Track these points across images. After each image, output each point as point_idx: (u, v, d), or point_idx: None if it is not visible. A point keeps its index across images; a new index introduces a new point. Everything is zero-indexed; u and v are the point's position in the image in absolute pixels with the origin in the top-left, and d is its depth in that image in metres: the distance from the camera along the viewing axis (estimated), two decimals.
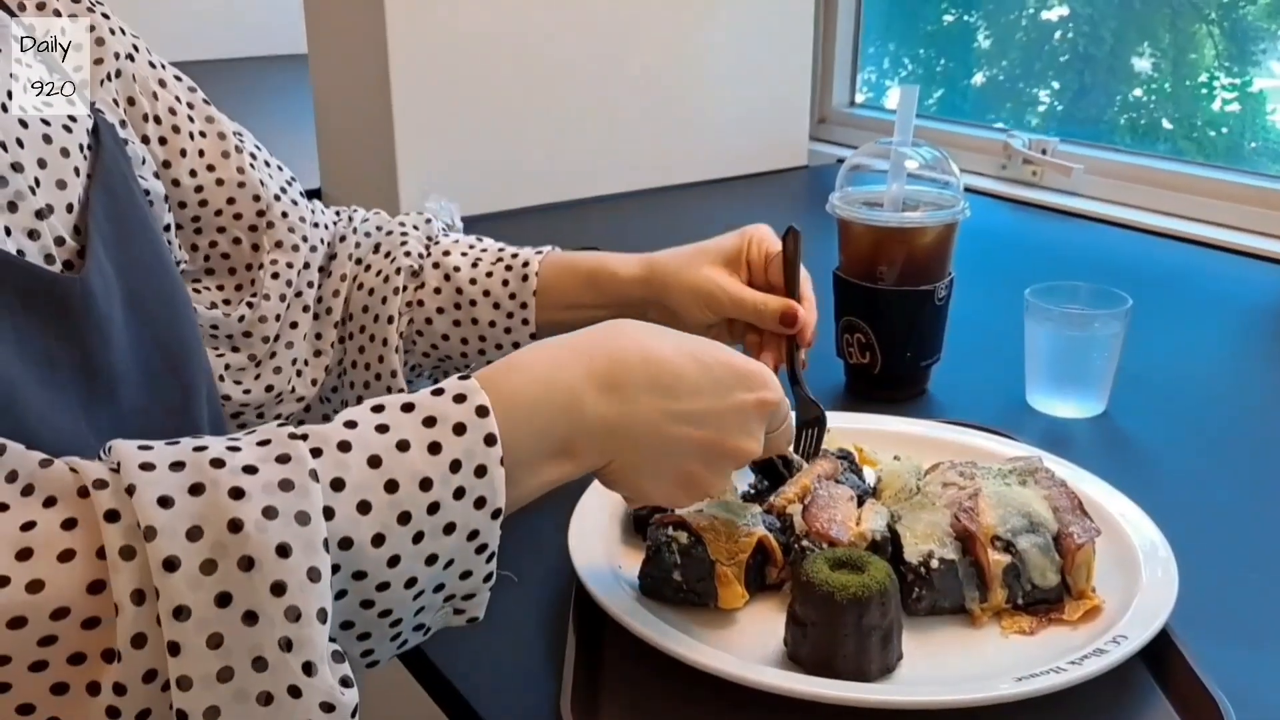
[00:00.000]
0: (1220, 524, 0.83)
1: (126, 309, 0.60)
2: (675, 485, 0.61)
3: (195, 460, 0.46)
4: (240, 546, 0.43)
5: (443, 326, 0.88)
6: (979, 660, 0.65)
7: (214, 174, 0.80)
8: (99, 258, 0.58)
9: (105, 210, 0.61)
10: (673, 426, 0.58)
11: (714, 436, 0.60)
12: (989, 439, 0.87)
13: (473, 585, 0.52)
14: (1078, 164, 1.69)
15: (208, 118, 0.81)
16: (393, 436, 0.49)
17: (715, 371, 0.60)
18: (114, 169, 0.64)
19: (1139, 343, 1.01)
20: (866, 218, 0.99)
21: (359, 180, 1.69)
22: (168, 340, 0.64)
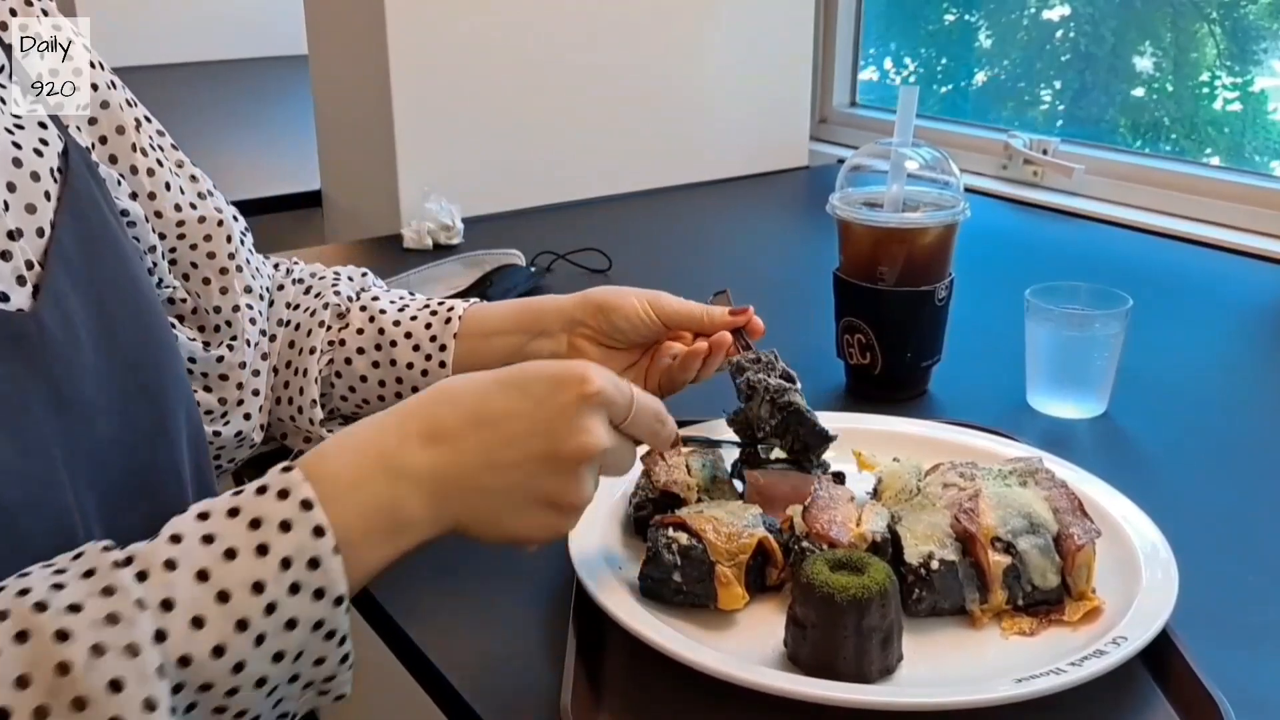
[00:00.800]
0: (1221, 524, 0.83)
1: (97, 336, 0.60)
2: (539, 510, 0.59)
3: (17, 606, 0.46)
4: (71, 688, 0.44)
5: (362, 367, 0.87)
6: (979, 661, 0.65)
7: (196, 211, 0.81)
8: (60, 287, 0.58)
9: (74, 235, 0.61)
10: (504, 453, 0.58)
11: (547, 446, 0.59)
12: (989, 439, 0.86)
13: (329, 669, 0.53)
14: (1078, 164, 1.69)
15: (178, 162, 0.81)
16: (219, 545, 0.50)
17: (530, 388, 0.60)
18: (84, 192, 0.63)
19: (1139, 343, 1.01)
20: (867, 218, 0.99)
21: (359, 181, 1.69)
22: (141, 364, 0.63)
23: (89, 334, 0.59)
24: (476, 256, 1.37)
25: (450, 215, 1.51)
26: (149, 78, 1.82)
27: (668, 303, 0.87)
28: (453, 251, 1.46)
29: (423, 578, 0.77)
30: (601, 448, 0.59)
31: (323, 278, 0.91)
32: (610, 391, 0.61)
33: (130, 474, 0.61)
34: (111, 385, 0.60)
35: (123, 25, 2.63)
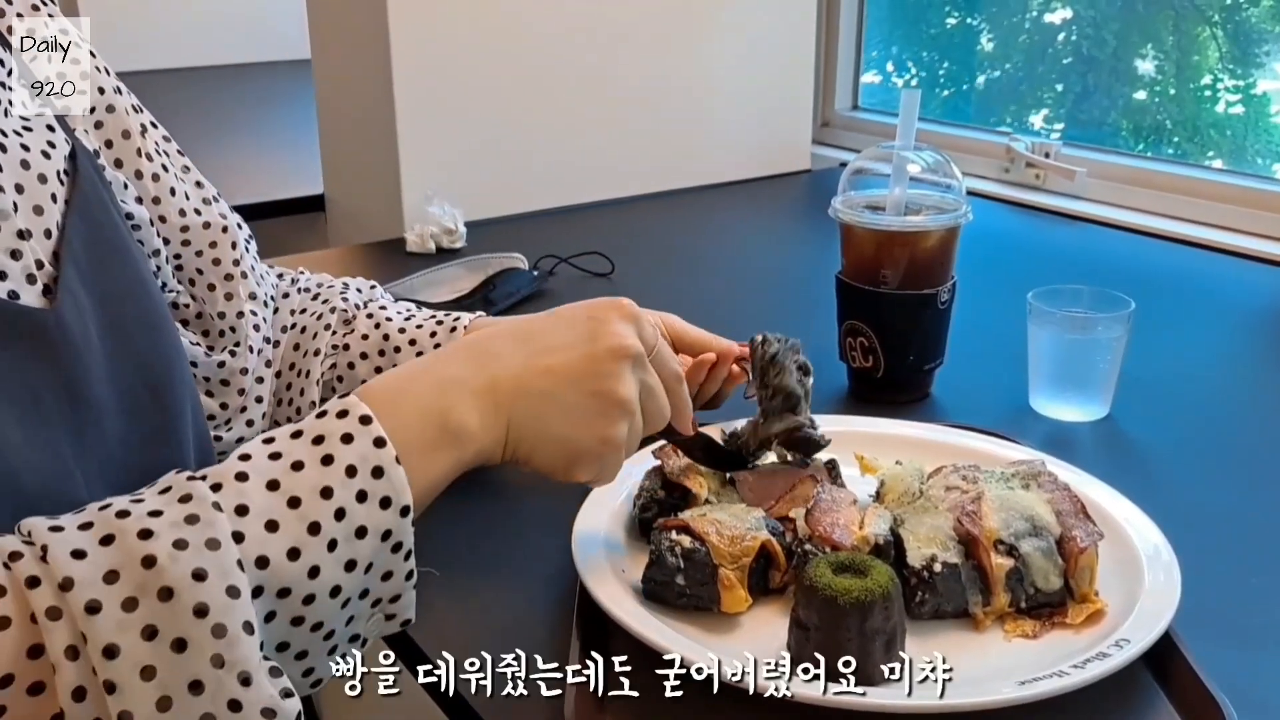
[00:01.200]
0: (1223, 526, 0.83)
1: (106, 336, 0.60)
2: (586, 411, 0.62)
3: (101, 517, 0.48)
4: (157, 579, 0.45)
5: (364, 372, 0.87)
6: (982, 664, 0.65)
7: (200, 217, 0.81)
8: (73, 287, 0.59)
9: (82, 237, 0.61)
10: (545, 358, 0.61)
11: (586, 347, 0.62)
12: (992, 442, 0.87)
13: (396, 586, 0.54)
14: (1080, 167, 1.69)
15: (184, 167, 0.81)
16: (287, 460, 0.52)
17: (564, 311, 0.65)
18: (91, 195, 0.64)
19: (1142, 346, 1.01)
20: (869, 222, 0.99)
21: (362, 185, 1.69)
22: (149, 365, 0.64)
23: (99, 334, 0.60)
24: (479, 260, 1.37)
25: (453, 219, 1.52)
26: (152, 82, 1.83)
27: (680, 326, 0.89)
28: (455, 255, 1.47)
29: (433, 589, 0.77)
30: (637, 348, 0.63)
31: (331, 286, 0.91)
32: (641, 312, 0.65)
33: (138, 474, 0.61)
34: (120, 385, 0.61)
35: (126, 30, 2.64)
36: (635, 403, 0.64)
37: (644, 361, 0.64)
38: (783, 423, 0.80)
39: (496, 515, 0.87)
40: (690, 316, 1.30)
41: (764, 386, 0.81)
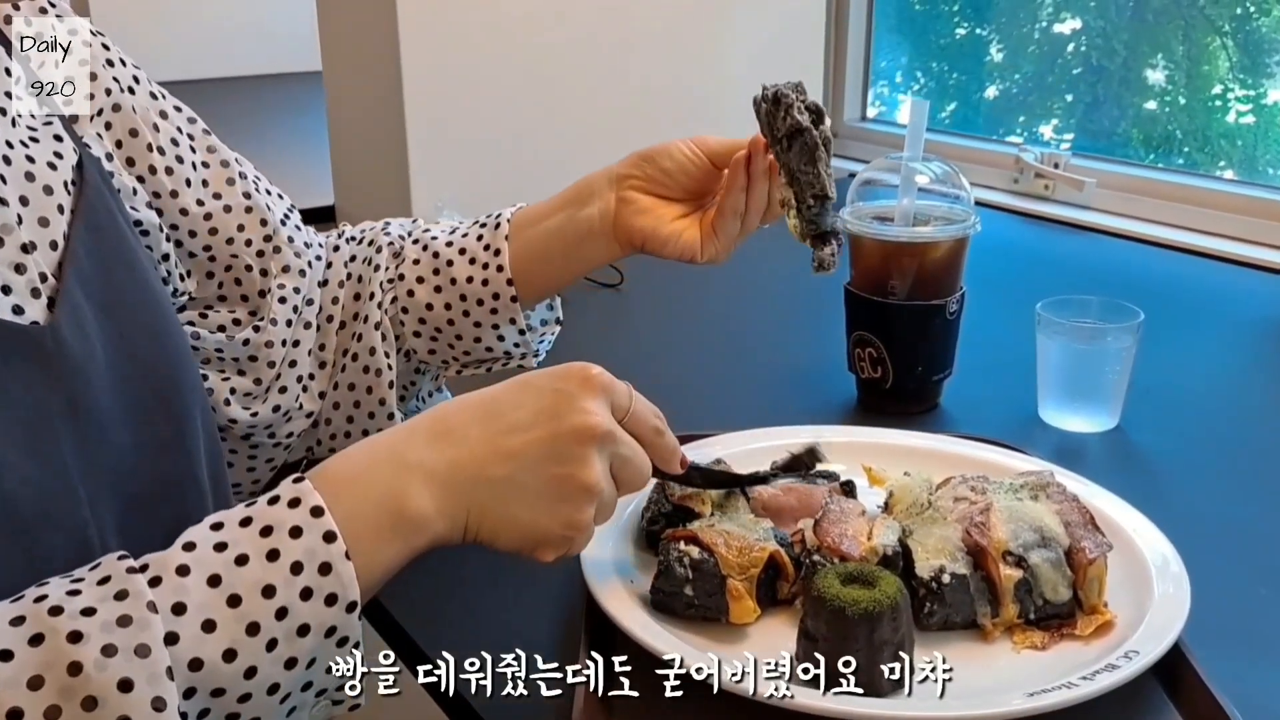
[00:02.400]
0: (1233, 538, 0.83)
1: (111, 347, 0.60)
2: (549, 497, 0.60)
3: (35, 611, 0.47)
4: (83, 688, 0.45)
5: (425, 295, 0.86)
6: (991, 675, 0.65)
7: (221, 201, 0.80)
8: (76, 299, 0.59)
9: (87, 247, 0.61)
10: (508, 439, 0.59)
11: (551, 427, 0.60)
12: (1001, 453, 0.87)
13: (341, 679, 0.53)
14: (1090, 178, 1.69)
15: (209, 148, 0.81)
16: (231, 552, 0.51)
17: (533, 381, 0.62)
18: (98, 204, 0.64)
19: (1151, 357, 1.01)
20: (877, 233, 0.99)
21: (373, 195, 1.70)
22: (156, 374, 0.64)
23: (104, 346, 0.60)
24: None
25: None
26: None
27: (711, 139, 0.85)
28: None
29: (433, 589, 0.78)
30: (604, 428, 0.60)
31: (373, 227, 0.91)
32: (611, 379, 0.62)
33: (149, 484, 0.62)
34: (128, 397, 0.61)
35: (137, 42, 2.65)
36: (602, 484, 0.61)
37: (614, 437, 0.61)
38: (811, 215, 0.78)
39: None
40: (698, 327, 1.30)
41: (776, 141, 0.77)
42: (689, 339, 1.27)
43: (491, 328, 0.87)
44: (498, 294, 0.86)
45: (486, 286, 0.86)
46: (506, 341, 0.88)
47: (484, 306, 0.86)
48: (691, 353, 1.23)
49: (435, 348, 0.89)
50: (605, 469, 0.61)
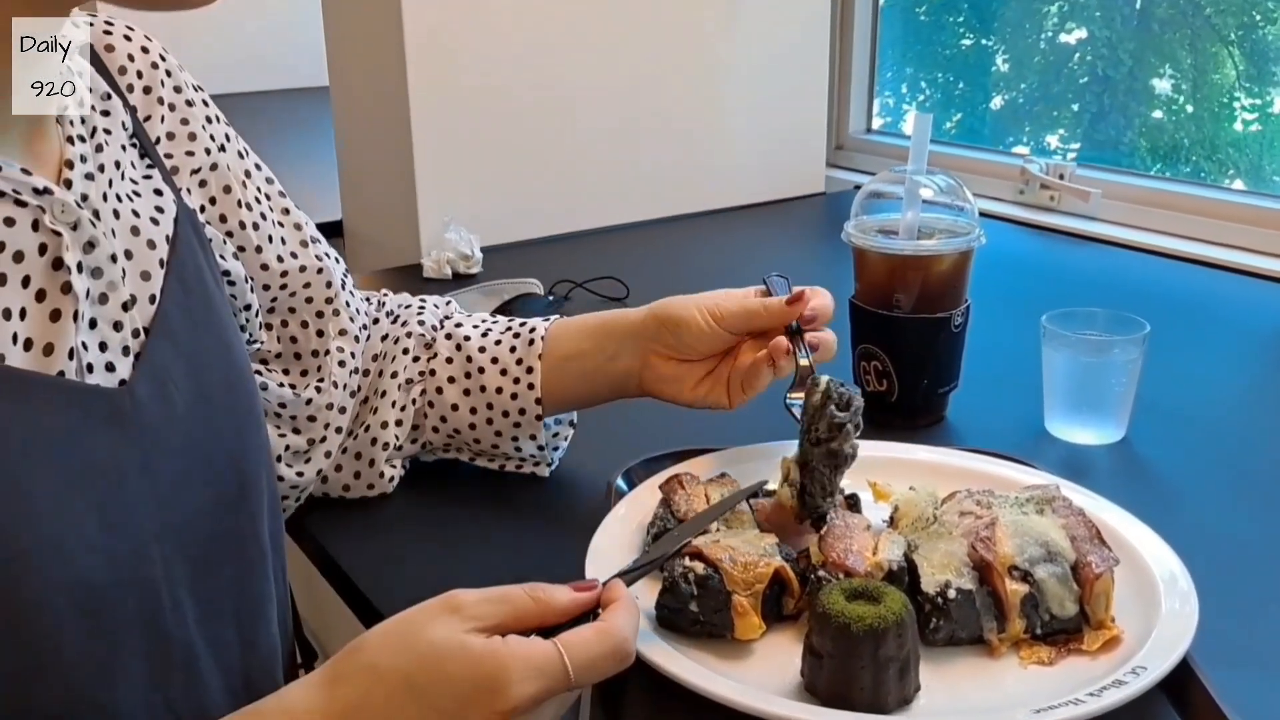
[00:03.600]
0: (1241, 552, 0.82)
1: (192, 406, 0.61)
2: None
3: None
4: None
5: (453, 396, 0.90)
6: (997, 691, 0.65)
7: (296, 260, 0.83)
8: (162, 358, 0.59)
9: (178, 303, 0.62)
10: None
11: None
12: (1007, 466, 0.86)
13: None
14: (1095, 188, 1.69)
15: (284, 209, 0.83)
16: None
17: (440, 704, 0.52)
18: (189, 259, 0.65)
19: (1158, 369, 1.01)
20: (882, 246, 0.99)
21: (380, 211, 1.71)
22: (229, 433, 0.64)
23: (185, 404, 0.60)
24: (495, 286, 1.38)
25: (470, 244, 1.53)
26: None
27: (726, 309, 0.85)
28: (472, 281, 1.47)
29: None
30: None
31: (408, 306, 0.94)
32: (534, 693, 0.52)
33: (215, 544, 0.62)
34: (201, 456, 0.61)
35: None
36: None
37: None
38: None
39: (507, 544, 0.87)
40: None
41: (809, 429, 0.77)
42: None
43: (511, 439, 0.90)
44: (524, 409, 0.89)
45: (515, 400, 0.89)
46: (523, 452, 0.92)
47: (509, 418, 0.89)
48: None
49: (451, 443, 0.93)
50: None
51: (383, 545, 0.86)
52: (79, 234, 0.56)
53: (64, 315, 0.54)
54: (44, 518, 0.51)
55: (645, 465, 0.88)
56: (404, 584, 0.81)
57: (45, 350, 0.53)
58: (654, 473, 0.86)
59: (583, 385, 0.89)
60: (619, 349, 0.88)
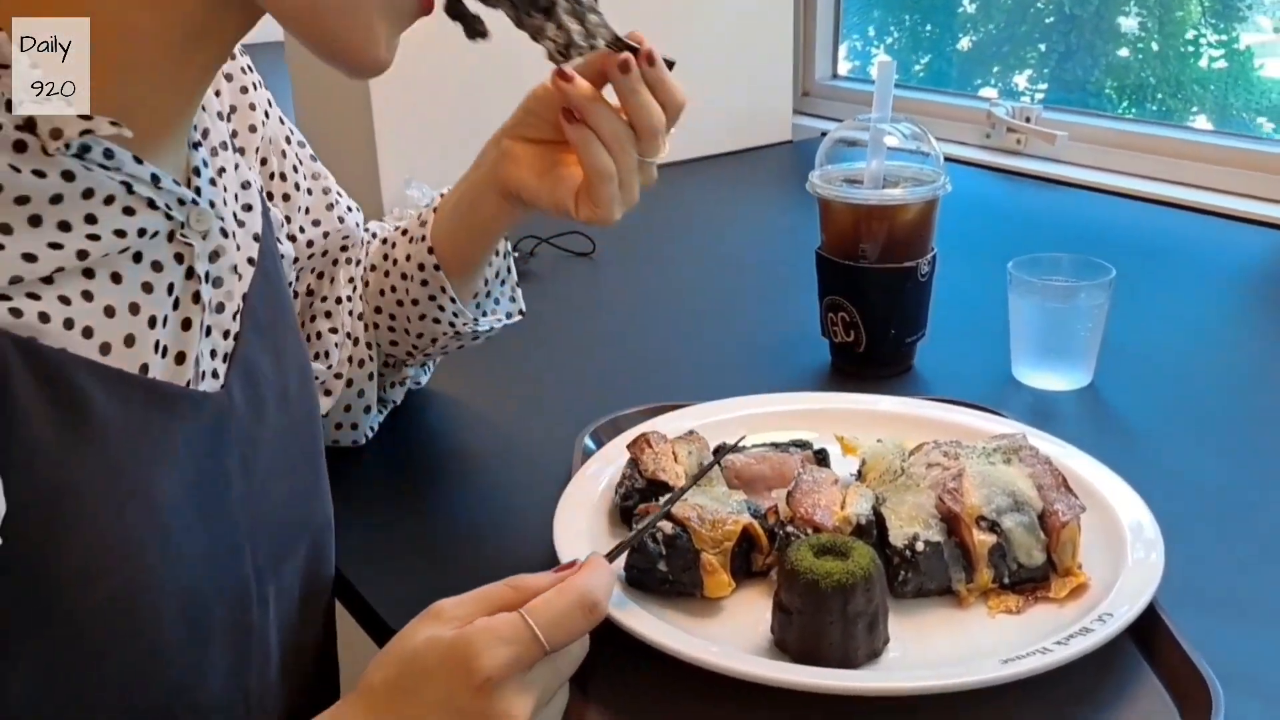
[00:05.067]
0: (1207, 495, 0.83)
1: (277, 399, 0.62)
2: None
3: None
4: None
5: (376, 282, 0.89)
6: (966, 641, 0.65)
7: (320, 228, 0.84)
8: (251, 356, 0.60)
9: (262, 296, 0.62)
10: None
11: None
12: (975, 415, 0.86)
13: None
14: (1062, 131, 1.68)
15: (314, 174, 0.84)
16: None
17: (423, 692, 0.52)
18: (269, 249, 0.65)
19: (1125, 312, 1.01)
20: (846, 196, 0.98)
21: (339, 169, 1.65)
22: (304, 422, 0.65)
23: (272, 398, 0.61)
24: None
25: (432, 202, 1.50)
26: None
27: (532, 92, 0.81)
28: None
29: (404, 568, 0.77)
30: (525, 718, 0.52)
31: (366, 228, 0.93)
32: (505, 660, 0.52)
33: (294, 530, 0.64)
34: (284, 448, 0.62)
35: None
36: (538, 715, 0.54)
37: (531, 709, 0.53)
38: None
39: (474, 506, 0.86)
40: (671, 296, 1.29)
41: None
42: (661, 307, 1.26)
43: (429, 299, 0.87)
44: (423, 264, 0.86)
45: (411, 260, 0.86)
46: (446, 313, 0.87)
47: (415, 280, 0.86)
48: (664, 321, 1.22)
49: (396, 338, 0.90)
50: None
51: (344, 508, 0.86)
52: (208, 243, 0.57)
53: (194, 324, 0.55)
54: (170, 530, 0.52)
55: (613, 423, 0.88)
56: (365, 544, 0.80)
57: (178, 359, 0.55)
58: (622, 431, 0.85)
59: (461, 210, 0.83)
60: (483, 151, 0.82)
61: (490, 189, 0.80)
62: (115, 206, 0.51)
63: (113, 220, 0.51)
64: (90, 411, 0.49)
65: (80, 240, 0.49)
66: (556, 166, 0.77)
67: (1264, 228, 1.42)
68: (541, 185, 0.77)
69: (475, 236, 0.84)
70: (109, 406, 0.49)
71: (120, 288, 0.51)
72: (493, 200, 0.81)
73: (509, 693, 0.52)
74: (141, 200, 0.52)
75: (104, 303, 0.50)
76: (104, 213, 0.50)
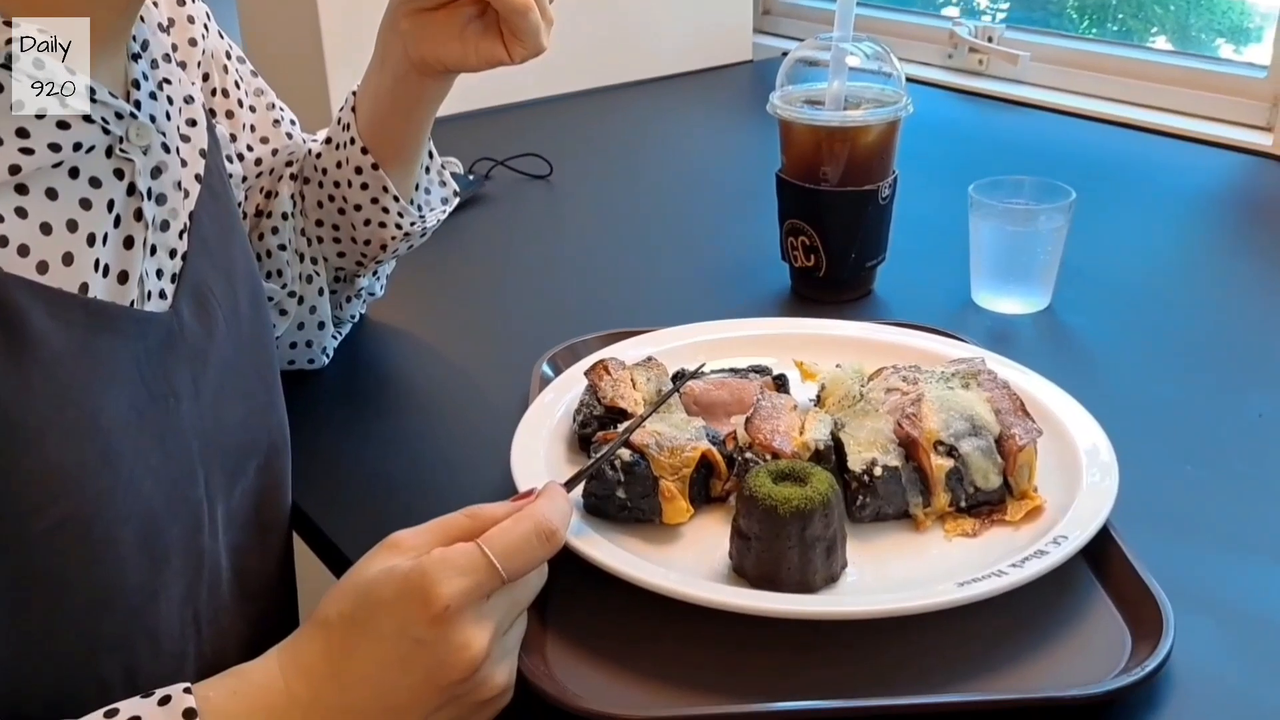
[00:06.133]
0: (1161, 417, 0.83)
1: (229, 322, 0.60)
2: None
3: None
4: None
5: (312, 195, 0.87)
6: (923, 565, 0.66)
7: (268, 145, 0.83)
8: (199, 277, 0.58)
9: (211, 215, 0.61)
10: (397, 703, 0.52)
11: (437, 687, 0.52)
12: (934, 340, 0.86)
13: None
14: (1024, 51, 1.66)
15: (258, 90, 0.82)
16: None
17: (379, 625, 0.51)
18: (215, 167, 0.63)
19: (1084, 234, 1.01)
20: (807, 118, 0.96)
21: (289, 96, 1.61)
22: (256, 342, 0.64)
23: (225, 319, 0.60)
24: None
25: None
26: None
27: None
28: None
29: (361, 498, 0.76)
30: (484, 651, 0.51)
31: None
32: (462, 590, 0.51)
33: (247, 453, 0.63)
34: (236, 369, 0.61)
35: None
36: (505, 685, 0.54)
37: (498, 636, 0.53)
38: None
39: (431, 434, 0.85)
40: (629, 219, 1.28)
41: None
42: (620, 231, 1.25)
43: (371, 202, 0.85)
44: (359, 167, 0.84)
45: (348, 165, 0.84)
46: (391, 214, 0.86)
47: (354, 186, 0.85)
48: (622, 245, 1.21)
49: (342, 249, 0.89)
50: (503, 652, 0.54)
51: (300, 438, 0.84)
52: (149, 159, 0.55)
53: (136, 243, 0.54)
54: (121, 456, 0.51)
55: (570, 350, 0.87)
56: (322, 475, 0.79)
57: (120, 278, 0.53)
58: (580, 357, 0.84)
59: (383, 105, 0.81)
60: (382, 42, 0.79)
61: (409, 72, 0.78)
62: (48, 120, 0.49)
63: (46, 134, 0.49)
64: (28, 332, 0.47)
65: (12, 154, 0.48)
66: (464, 24, 0.75)
67: (1222, 149, 1.42)
68: (466, 48, 0.75)
69: (409, 125, 0.82)
70: (49, 327, 0.48)
71: (56, 204, 0.50)
72: (415, 82, 0.79)
73: (466, 622, 0.51)
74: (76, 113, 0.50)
75: (40, 219, 0.49)
76: (36, 126, 0.49)
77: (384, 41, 0.80)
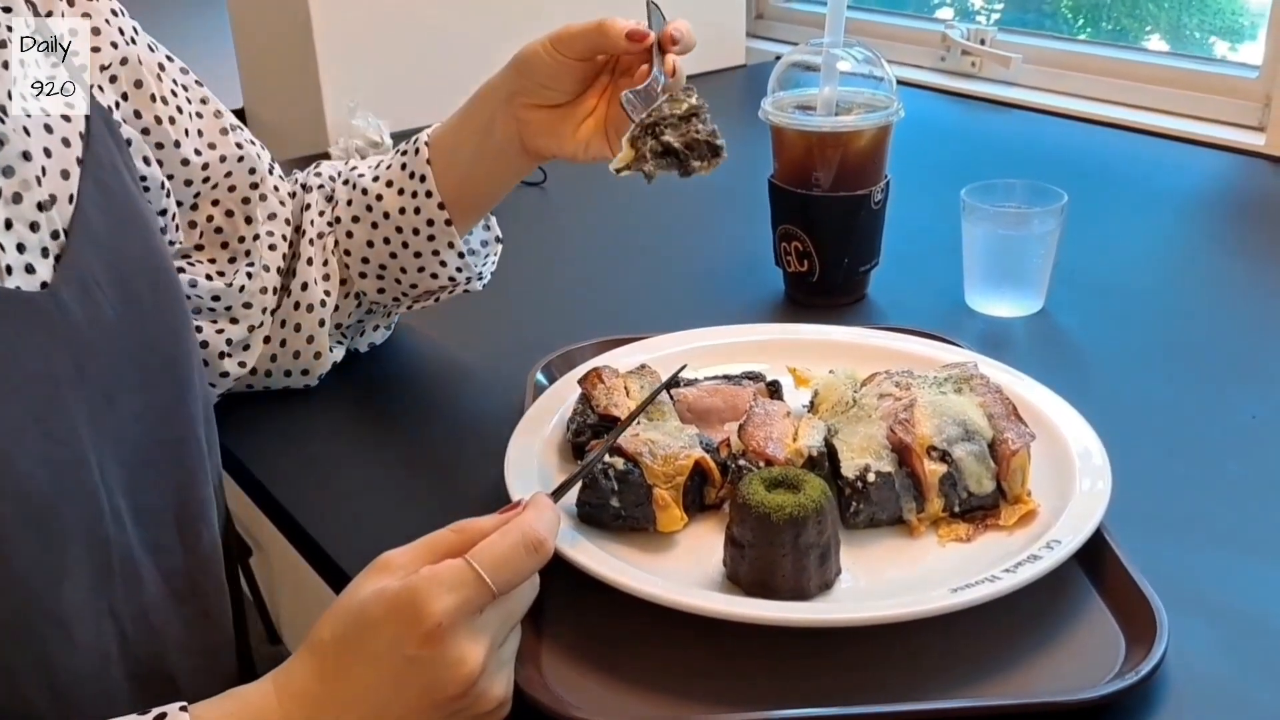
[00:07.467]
0: (1155, 419, 0.84)
1: (120, 309, 0.59)
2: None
3: None
4: None
5: (362, 234, 0.87)
6: (917, 570, 0.66)
7: (216, 151, 0.81)
8: (82, 261, 0.58)
9: (96, 203, 0.60)
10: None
11: (431, 703, 0.52)
12: (927, 344, 0.86)
13: None
14: (1016, 53, 1.66)
15: (202, 99, 0.81)
16: None
17: (371, 645, 0.52)
18: (105, 159, 0.62)
19: (1077, 237, 1.01)
20: (799, 123, 0.96)
21: (282, 97, 1.63)
22: (161, 336, 0.63)
23: (113, 307, 0.59)
24: None
25: (378, 130, 1.47)
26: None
27: (568, 33, 0.79)
28: None
29: (356, 509, 0.76)
30: (479, 664, 0.52)
31: (308, 171, 0.92)
32: (452, 606, 0.51)
33: (153, 449, 0.61)
34: (135, 360, 0.60)
35: None
36: (503, 697, 0.54)
37: (492, 650, 0.53)
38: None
39: (425, 444, 0.85)
40: (624, 225, 1.28)
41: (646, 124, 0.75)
42: (614, 237, 1.25)
43: (432, 254, 0.87)
44: (431, 220, 0.85)
45: (419, 215, 0.85)
46: (449, 267, 0.88)
47: (420, 235, 0.86)
48: (617, 252, 1.21)
49: (383, 286, 0.89)
50: (499, 665, 0.55)
51: (292, 446, 0.85)
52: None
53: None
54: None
55: (565, 358, 0.87)
56: (315, 484, 0.79)
57: None
58: (574, 365, 0.85)
59: (477, 171, 0.84)
60: (491, 117, 0.82)
61: (515, 156, 0.83)
62: None
63: None
64: None
65: None
66: (577, 121, 0.81)
67: (1214, 150, 1.42)
68: (578, 146, 0.81)
69: (495, 191, 0.87)
70: None
71: None
72: (519, 163, 0.84)
73: (460, 638, 0.51)
74: None
75: None
76: None
77: (494, 116, 0.82)
